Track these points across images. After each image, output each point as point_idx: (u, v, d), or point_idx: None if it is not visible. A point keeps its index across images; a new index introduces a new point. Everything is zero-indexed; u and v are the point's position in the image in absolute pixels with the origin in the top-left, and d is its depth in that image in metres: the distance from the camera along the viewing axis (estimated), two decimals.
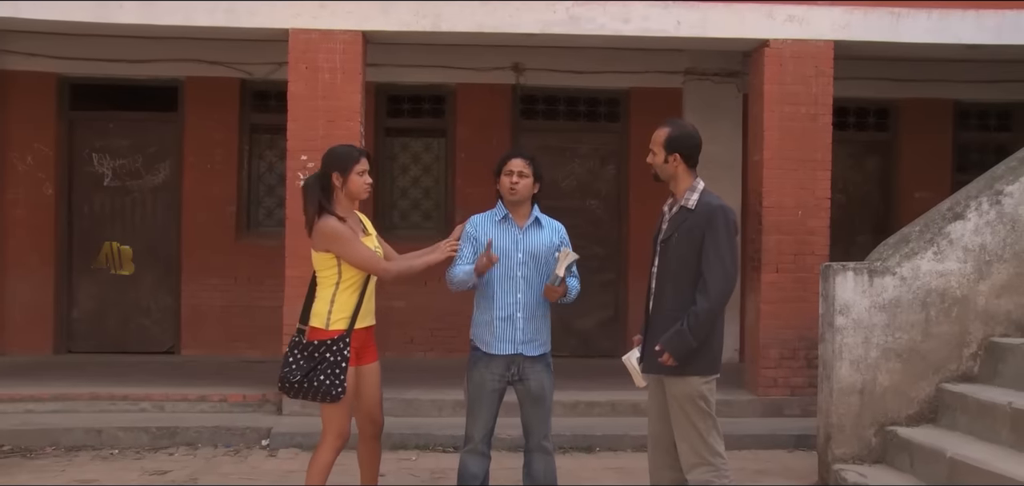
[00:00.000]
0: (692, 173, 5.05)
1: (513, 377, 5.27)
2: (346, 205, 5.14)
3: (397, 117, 11.32)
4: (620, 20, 8.63)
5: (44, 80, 10.82)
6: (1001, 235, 6.62)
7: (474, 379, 5.28)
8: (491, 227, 5.30)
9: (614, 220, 11.31)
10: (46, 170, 10.87)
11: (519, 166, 5.28)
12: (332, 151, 5.26)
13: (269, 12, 8.47)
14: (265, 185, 11.27)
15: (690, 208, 4.96)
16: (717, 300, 4.83)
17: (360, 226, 5.20)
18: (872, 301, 6.53)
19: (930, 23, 8.76)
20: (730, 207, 5.01)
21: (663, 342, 4.88)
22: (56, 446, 7.79)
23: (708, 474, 4.90)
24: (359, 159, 5.14)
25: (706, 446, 4.91)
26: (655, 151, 5.05)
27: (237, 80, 10.97)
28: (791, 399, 8.66)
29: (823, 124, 8.74)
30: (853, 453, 6.55)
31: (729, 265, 4.84)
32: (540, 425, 5.36)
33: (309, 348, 5.00)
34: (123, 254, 11.02)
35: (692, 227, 4.92)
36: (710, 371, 4.94)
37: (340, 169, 5.09)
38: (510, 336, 5.22)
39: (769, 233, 8.67)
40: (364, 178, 5.13)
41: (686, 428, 4.93)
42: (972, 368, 6.59)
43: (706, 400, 4.92)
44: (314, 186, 5.12)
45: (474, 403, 5.28)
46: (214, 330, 10.90)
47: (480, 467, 5.31)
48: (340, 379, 4.96)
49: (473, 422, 5.29)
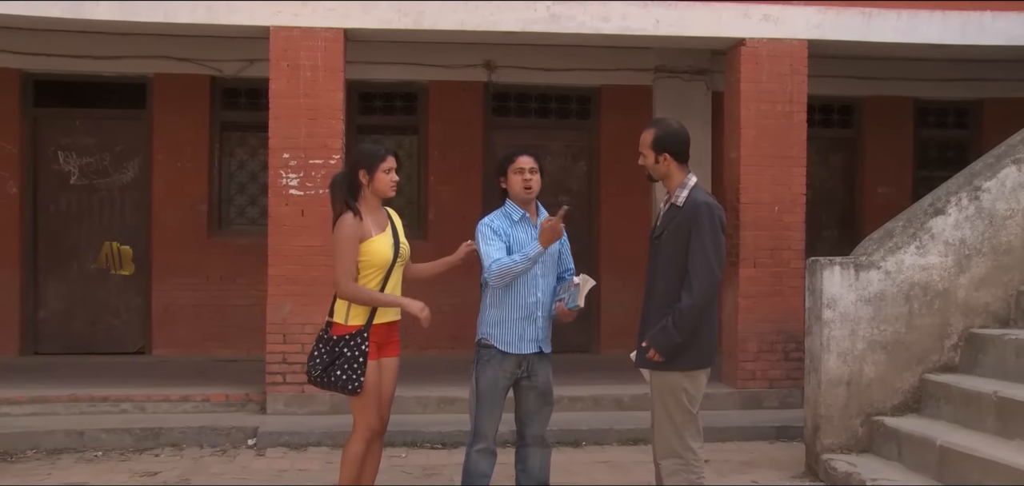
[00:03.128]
0: (684, 169, 5.13)
1: (522, 374, 5.31)
2: (372, 202, 5.22)
3: (369, 114, 11.29)
4: (600, 19, 8.72)
5: (6, 76, 10.61)
6: (980, 230, 6.84)
7: (487, 377, 5.27)
8: (510, 229, 5.29)
9: (585, 217, 11.39)
10: (9, 168, 10.66)
11: (529, 163, 5.29)
12: (360, 149, 5.40)
13: (249, 10, 8.41)
14: (236, 183, 11.17)
15: (679, 205, 5.04)
16: (702, 296, 4.91)
17: (384, 223, 5.26)
18: (858, 295, 6.71)
19: (900, 23, 9.00)
20: (717, 203, 5.09)
21: (649, 338, 4.99)
22: (37, 449, 7.67)
23: (677, 467, 5.01)
24: (386, 158, 5.22)
25: (680, 440, 5.01)
26: (644, 154, 5.12)
27: (207, 77, 10.85)
28: (770, 391, 8.84)
29: (798, 121, 8.92)
30: (841, 443, 6.73)
31: (714, 262, 4.93)
32: (544, 420, 5.44)
33: (330, 342, 5.13)
34: (123, 254, 10.85)
35: (680, 224, 5.00)
36: (694, 365, 5.03)
37: (367, 167, 5.18)
38: (532, 334, 5.26)
39: (746, 229, 8.83)
40: (391, 176, 5.21)
41: (662, 419, 5.05)
42: (953, 359, 6.81)
43: (688, 394, 5.02)
44: (341, 184, 5.22)
45: (486, 401, 5.27)
46: (185, 330, 10.78)
47: (490, 465, 5.33)
48: (357, 374, 5.05)
49: (486, 420, 5.28)
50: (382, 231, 5.22)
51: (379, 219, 5.25)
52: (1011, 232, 6.86)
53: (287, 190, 8.41)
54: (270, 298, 8.36)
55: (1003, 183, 6.85)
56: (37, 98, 10.84)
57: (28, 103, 10.78)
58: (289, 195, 8.39)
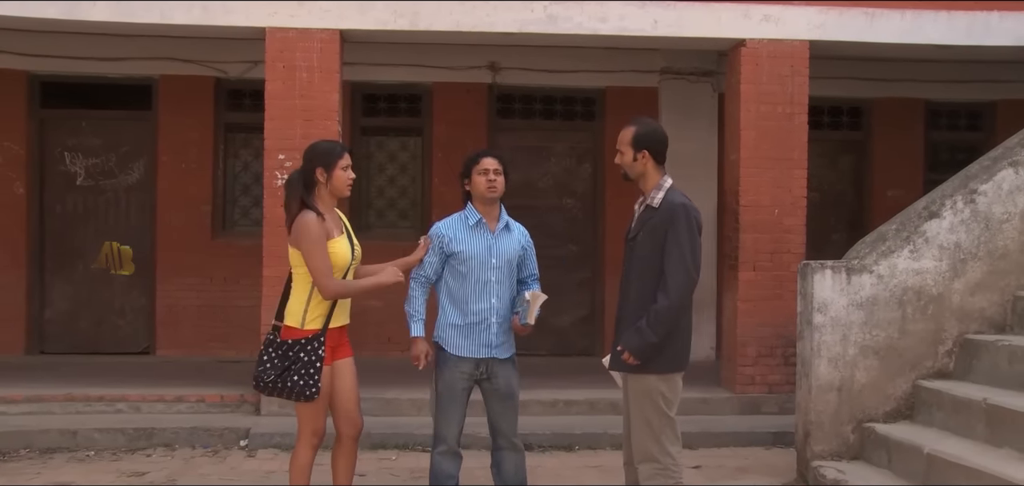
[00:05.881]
0: (660, 170, 5.08)
1: (481, 376, 5.28)
2: (328, 201, 5.11)
3: (373, 116, 11.30)
4: (597, 19, 8.65)
5: (14, 78, 10.71)
6: (975, 234, 6.70)
7: (444, 380, 5.26)
8: (463, 234, 5.25)
9: (590, 219, 11.34)
10: (17, 169, 10.76)
11: (494, 164, 5.25)
12: (315, 146, 5.22)
13: (245, 11, 8.41)
14: (241, 184, 11.20)
15: (655, 206, 4.99)
16: (677, 298, 4.85)
17: (340, 224, 5.17)
18: (850, 299, 6.59)
19: (903, 24, 8.86)
20: (693, 205, 5.03)
21: (623, 340, 4.94)
22: (30, 448, 7.71)
23: (655, 471, 4.95)
24: (343, 154, 5.12)
25: (657, 444, 4.94)
26: (623, 150, 5.08)
27: (211, 79, 10.90)
28: (769, 396, 8.72)
29: (799, 123, 8.80)
30: (831, 450, 6.61)
31: (690, 264, 4.87)
32: (510, 423, 5.39)
33: (283, 347, 4.97)
34: (123, 254, 10.92)
35: (656, 225, 4.95)
36: (670, 369, 4.98)
37: (324, 164, 5.06)
38: (484, 340, 5.23)
39: (746, 231, 8.73)
40: (347, 173, 5.11)
41: (640, 423, 4.99)
42: (948, 365, 6.67)
43: (665, 397, 4.96)
44: (297, 182, 5.08)
45: (445, 404, 5.26)
46: (189, 330, 10.82)
47: (455, 467, 5.31)
48: (314, 379, 4.93)
49: (445, 423, 5.26)
50: (340, 233, 5.13)
51: (335, 220, 5.14)
52: (1008, 236, 6.71)
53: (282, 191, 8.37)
54: (264, 299, 8.34)
55: (1000, 186, 6.70)
56: (44, 99, 10.94)
57: (35, 104, 10.89)
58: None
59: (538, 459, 7.62)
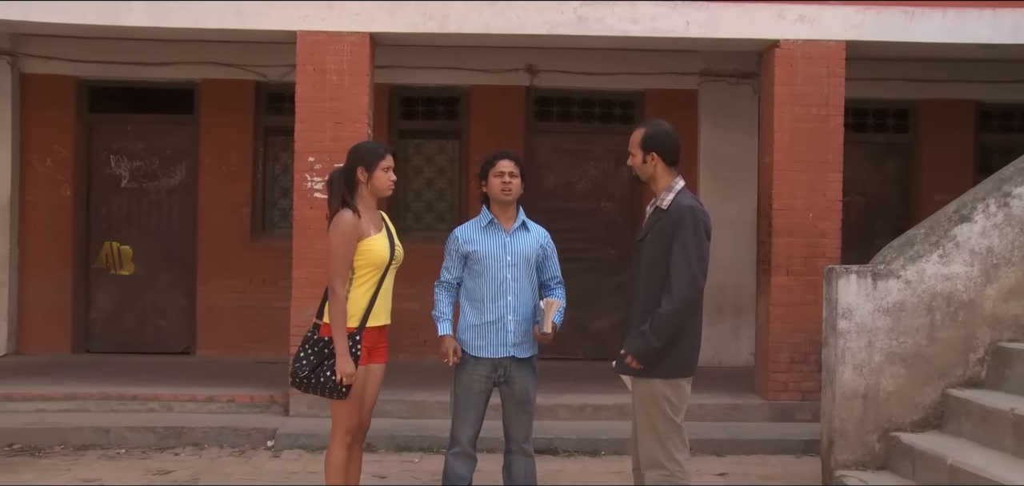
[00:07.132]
0: (672, 172, 5.02)
1: (499, 379, 5.32)
2: (368, 201, 5.19)
3: (411, 119, 11.32)
4: (628, 21, 8.56)
5: (62, 83, 10.94)
6: (1009, 238, 6.48)
7: (461, 381, 5.34)
8: (477, 235, 5.34)
9: (628, 222, 11.22)
10: (65, 172, 10.99)
11: (509, 167, 5.31)
12: (358, 146, 5.34)
13: (277, 14, 8.49)
14: (280, 187, 11.31)
15: (664, 208, 4.94)
16: (681, 302, 4.78)
17: (380, 223, 5.22)
18: (876, 304, 6.42)
19: (945, 22, 8.61)
20: (702, 208, 4.96)
21: (627, 343, 4.88)
22: (64, 445, 7.86)
23: (661, 477, 4.88)
24: (384, 155, 5.21)
25: (663, 449, 4.87)
26: (633, 153, 5.05)
27: (252, 82, 11.03)
28: (802, 404, 8.53)
29: (834, 125, 8.61)
30: (856, 459, 6.45)
31: (696, 267, 4.80)
32: (522, 429, 5.41)
33: (319, 344, 5.07)
34: (123, 254, 11.10)
35: (664, 228, 4.89)
36: (676, 374, 4.91)
37: (366, 164, 5.15)
38: (500, 339, 5.26)
39: (779, 235, 8.56)
40: (389, 175, 5.20)
41: (645, 428, 4.93)
42: (979, 373, 6.47)
43: (671, 403, 4.89)
44: (339, 180, 5.18)
45: (461, 405, 5.34)
46: (229, 331, 10.95)
47: (468, 469, 5.37)
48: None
49: (460, 424, 5.34)
50: (379, 231, 5.20)
51: (375, 219, 5.22)
52: None
53: (312, 193, 8.46)
54: (294, 301, 8.41)
55: None
56: (91, 103, 11.16)
57: (83, 108, 11.11)
58: (314, 198, 8.43)
59: (561, 463, 7.58)
